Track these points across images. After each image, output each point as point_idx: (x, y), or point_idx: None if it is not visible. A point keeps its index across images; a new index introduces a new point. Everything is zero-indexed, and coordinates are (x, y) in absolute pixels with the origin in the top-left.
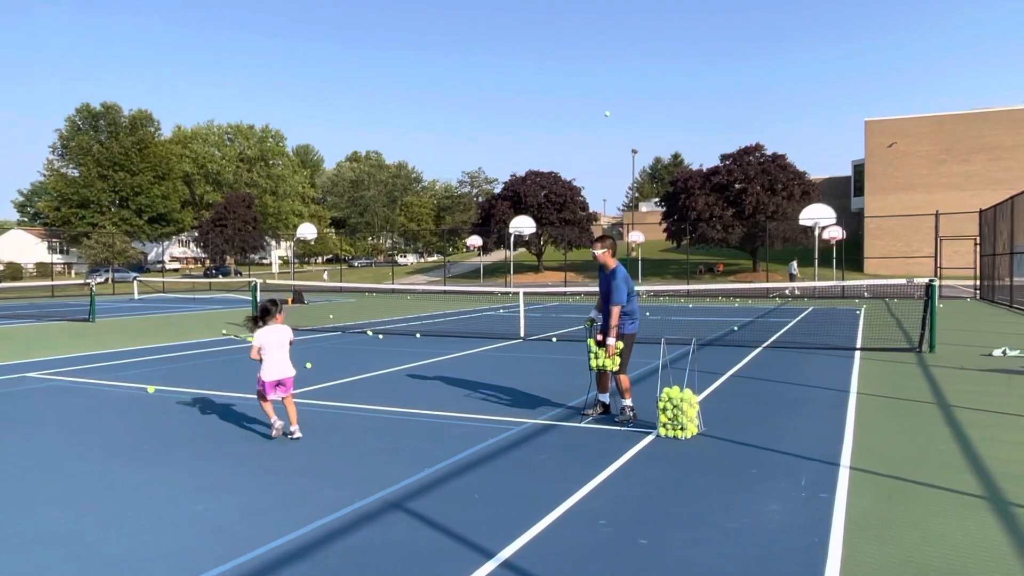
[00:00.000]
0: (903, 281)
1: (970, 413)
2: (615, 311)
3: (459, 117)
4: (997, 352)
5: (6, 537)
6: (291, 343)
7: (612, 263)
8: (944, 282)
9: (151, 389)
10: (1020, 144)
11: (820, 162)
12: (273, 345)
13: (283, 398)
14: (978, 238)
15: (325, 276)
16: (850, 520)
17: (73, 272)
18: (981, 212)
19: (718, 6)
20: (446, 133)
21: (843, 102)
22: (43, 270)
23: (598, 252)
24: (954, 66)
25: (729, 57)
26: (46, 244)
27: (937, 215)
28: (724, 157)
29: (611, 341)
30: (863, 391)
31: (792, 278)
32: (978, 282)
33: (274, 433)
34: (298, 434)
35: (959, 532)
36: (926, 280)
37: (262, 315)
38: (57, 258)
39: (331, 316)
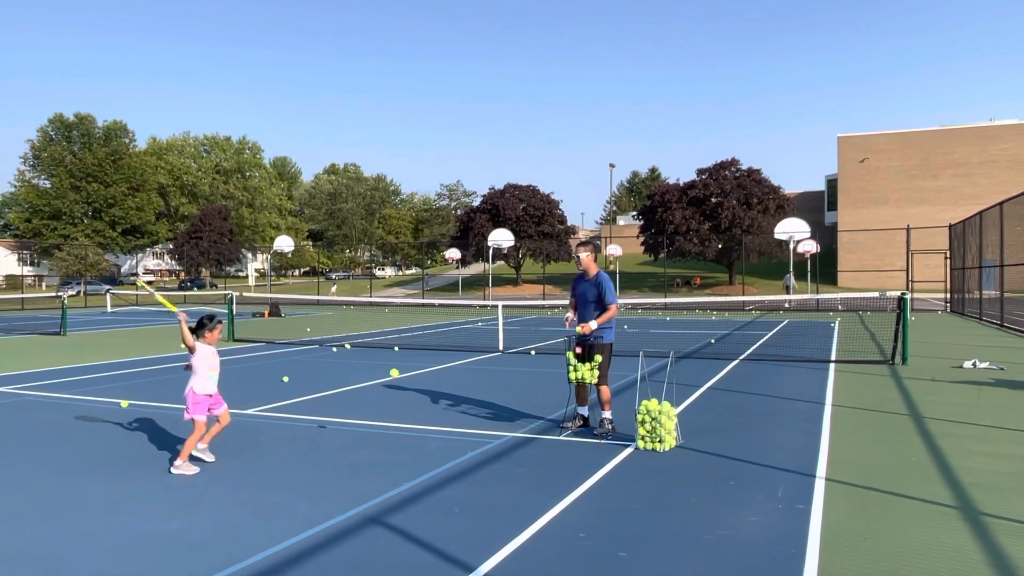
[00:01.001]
0: (876, 294)
1: (942, 424)
2: (613, 308)
3: (438, 130)
4: (967, 364)
5: None
6: (187, 368)
7: (595, 268)
8: (915, 295)
9: (125, 404)
10: (988, 160)
11: (795, 177)
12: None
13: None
14: (948, 252)
15: (334, 289)
16: (826, 531)
17: (44, 285)
18: (951, 226)
19: (696, 22)
20: (425, 146)
21: (817, 118)
22: (13, 282)
23: (584, 256)
24: (924, 84)
25: (707, 73)
26: (16, 256)
27: (908, 229)
28: (700, 171)
29: (593, 324)
30: (838, 403)
31: (788, 290)
32: (948, 295)
33: (203, 458)
34: (206, 457)
35: (932, 542)
36: (898, 293)
37: (196, 328)
38: (27, 270)
39: (308, 329)
